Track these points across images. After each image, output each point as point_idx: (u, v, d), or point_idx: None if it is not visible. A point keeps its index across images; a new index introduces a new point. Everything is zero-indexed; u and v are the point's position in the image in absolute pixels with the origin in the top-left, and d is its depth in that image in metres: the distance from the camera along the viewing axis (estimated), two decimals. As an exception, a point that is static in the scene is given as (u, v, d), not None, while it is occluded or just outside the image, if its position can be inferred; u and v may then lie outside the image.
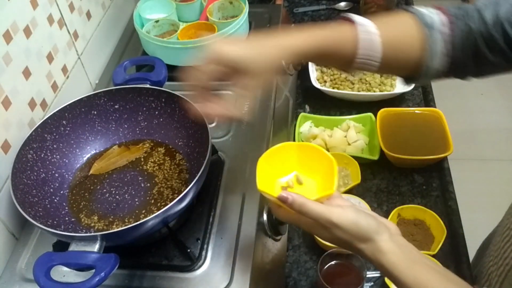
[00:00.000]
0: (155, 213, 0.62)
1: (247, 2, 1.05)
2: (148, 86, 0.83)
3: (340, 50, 0.65)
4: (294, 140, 1.06)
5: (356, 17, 0.66)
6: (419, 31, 0.65)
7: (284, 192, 0.58)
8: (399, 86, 1.18)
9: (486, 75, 0.69)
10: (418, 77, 0.69)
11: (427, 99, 1.17)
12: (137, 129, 0.86)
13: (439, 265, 0.57)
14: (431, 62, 0.66)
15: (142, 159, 0.83)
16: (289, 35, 0.64)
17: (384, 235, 0.56)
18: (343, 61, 0.67)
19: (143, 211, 0.75)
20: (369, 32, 0.64)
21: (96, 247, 0.60)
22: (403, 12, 0.68)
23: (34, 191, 0.73)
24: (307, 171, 0.65)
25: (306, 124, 1.10)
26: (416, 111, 1.08)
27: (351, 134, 1.06)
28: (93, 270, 0.58)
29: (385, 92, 1.15)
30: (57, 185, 0.78)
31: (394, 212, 0.91)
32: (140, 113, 0.85)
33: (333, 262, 0.82)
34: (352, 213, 0.56)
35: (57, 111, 0.79)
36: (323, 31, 0.65)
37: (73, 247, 0.61)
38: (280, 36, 0.64)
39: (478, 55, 0.65)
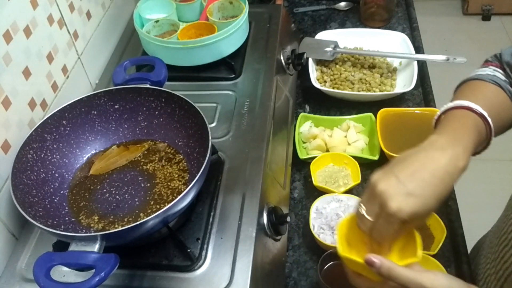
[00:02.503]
0: (155, 213, 0.62)
1: (247, 2, 1.05)
2: (148, 86, 0.83)
3: (480, 142, 0.67)
4: (294, 140, 1.06)
5: (470, 104, 0.66)
6: (501, 92, 0.71)
7: (371, 255, 0.54)
8: (399, 86, 1.18)
9: None
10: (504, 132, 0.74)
11: (427, 99, 1.17)
12: (137, 129, 0.86)
13: None
14: None
15: (142, 159, 0.83)
16: (442, 154, 0.58)
17: None
18: (480, 147, 0.70)
19: (143, 211, 0.75)
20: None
21: (96, 247, 0.60)
22: (476, 81, 0.72)
23: (34, 191, 0.73)
24: None
25: (306, 124, 1.10)
26: (416, 111, 1.08)
27: (351, 134, 1.06)
28: (93, 270, 0.58)
29: (385, 92, 1.15)
30: (57, 185, 0.78)
31: (394, 212, 0.91)
32: (140, 113, 0.85)
33: (333, 262, 0.82)
34: (444, 279, 0.55)
35: (57, 111, 0.79)
36: (468, 135, 0.62)
37: (73, 247, 0.61)
38: (438, 157, 0.58)
39: None
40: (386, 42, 1.28)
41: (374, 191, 0.57)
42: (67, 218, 0.75)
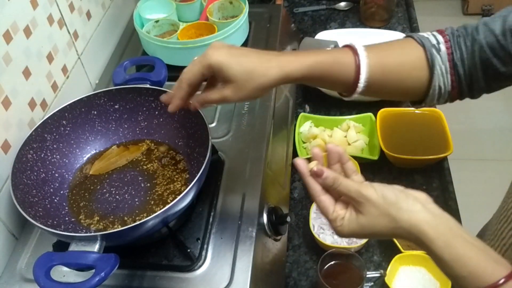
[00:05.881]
0: (155, 213, 0.62)
1: (247, 2, 1.05)
2: (148, 86, 0.83)
3: (339, 73, 0.66)
4: (294, 140, 1.06)
5: (353, 43, 0.68)
6: (419, 52, 0.67)
7: (319, 167, 0.59)
8: (399, 86, 1.18)
9: (498, 88, 0.70)
10: (425, 99, 0.70)
11: (427, 99, 1.17)
12: (137, 129, 0.86)
13: (476, 238, 0.54)
14: (434, 80, 0.68)
15: (142, 159, 0.83)
16: (286, 57, 0.65)
17: (416, 206, 0.55)
18: (345, 85, 0.68)
19: (143, 211, 0.75)
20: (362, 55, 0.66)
21: (96, 247, 0.60)
22: (404, 38, 0.71)
23: (34, 191, 0.73)
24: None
25: (306, 124, 1.10)
26: (416, 111, 1.08)
27: (351, 134, 1.06)
28: (93, 270, 0.58)
29: (385, 92, 1.15)
30: (57, 185, 0.78)
31: (394, 212, 0.91)
32: (140, 113, 0.85)
33: (333, 262, 0.82)
34: (377, 185, 0.56)
35: (57, 111, 0.79)
36: (319, 54, 0.66)
37: (73, 247, 0.61)
38: (279, 57, 0.64)
39: (489, 69, 0.66)
40: (386, 42, 1.28)
41: None
42: (67, 218, 0.75)
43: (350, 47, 0.67)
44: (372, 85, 0.67)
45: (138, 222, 0.61)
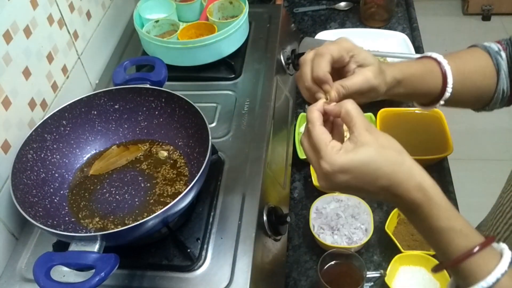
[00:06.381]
0: (155, 213, 0.62)
1: (247, 2, 1.05)
2: (148, 86, 0.83)
3: (430, 82, 0.69)
4: (294, 140, 1.06)
5: (434, 54, 0.71)
6: (487, 59, 0.72)
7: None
8: (399, 86, 1.18)
9: None
10: (490, 103, 0.74)
11: (427, 99, 1.17)
12: (137, 129, 0.86)
13: None
14: (500, 85, 0.72)
15: (142, 159, 0.83)
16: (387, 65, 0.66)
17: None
18: (431, 94, 0.70)
19: (143, 211, 0.75)
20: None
21: (96, 247, 0.60)
22: (469, 48, 0.75)
23: (34, 191, 0.73)
24: None
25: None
26: (416, 111, 1.08)
27: (351, 134, 1.06)
28: (93, 270, 0.58)
29: (385, 92, 1.15)
30: (57, 185, 0.78)
31: (394, 212, 0.91)
32: (140, 113, 0.85)
33: (333, 262, 0.82)
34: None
35: (57, 111, 0.79)
36: (414, 63, 0.69)
37: (73, 247, 0.61)
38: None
39: None
40: (386, 42, 1.28)
41: None
42: (67, 218, 0.75)
43: (430, 57, 0.70)
44: (453, 93, 0.70)
45: (138, 222, 0.61)
